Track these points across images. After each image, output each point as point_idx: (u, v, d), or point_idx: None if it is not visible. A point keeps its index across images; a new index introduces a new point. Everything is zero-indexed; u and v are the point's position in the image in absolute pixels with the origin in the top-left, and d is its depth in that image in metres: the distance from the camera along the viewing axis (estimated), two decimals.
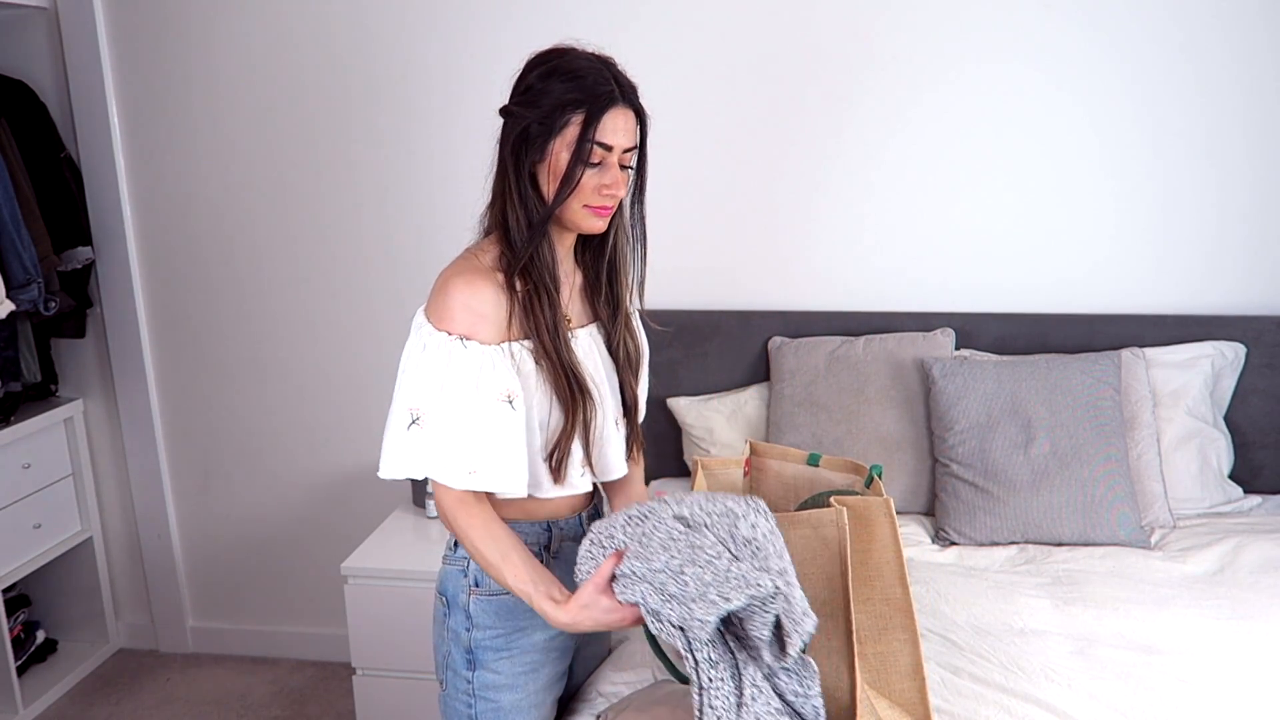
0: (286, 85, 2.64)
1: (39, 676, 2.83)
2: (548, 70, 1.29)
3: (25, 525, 2.68)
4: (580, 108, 1.27)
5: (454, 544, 1.42)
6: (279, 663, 2.97)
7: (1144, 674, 1.58)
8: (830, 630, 1.35)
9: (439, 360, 1.27)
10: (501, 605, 1.38)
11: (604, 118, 1.27)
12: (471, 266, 1.32)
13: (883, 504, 1.35)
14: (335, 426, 2.82)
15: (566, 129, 1.28)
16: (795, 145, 2.47)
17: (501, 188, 1.33)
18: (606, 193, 1.31)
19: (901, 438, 2.26)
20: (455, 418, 1.27)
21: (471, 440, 1.27)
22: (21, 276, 2.45)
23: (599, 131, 1.27)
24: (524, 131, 1.29)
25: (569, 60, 1.30)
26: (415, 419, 1.28)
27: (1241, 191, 2.34)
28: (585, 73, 1.28)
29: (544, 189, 1.31)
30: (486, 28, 2.49)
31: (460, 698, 1.41)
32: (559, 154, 1.29)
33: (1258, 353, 2.31)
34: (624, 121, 1.30)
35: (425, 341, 1.28)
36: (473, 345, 1.28)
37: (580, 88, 1.27)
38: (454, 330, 1.28)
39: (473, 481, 1.28)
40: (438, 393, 1.27)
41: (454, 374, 1.27)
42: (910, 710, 1.40)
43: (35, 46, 2.68)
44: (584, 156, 1.28)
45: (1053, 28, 2.32)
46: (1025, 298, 2.44)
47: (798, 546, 1.35)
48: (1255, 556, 1.95)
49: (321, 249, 2.72)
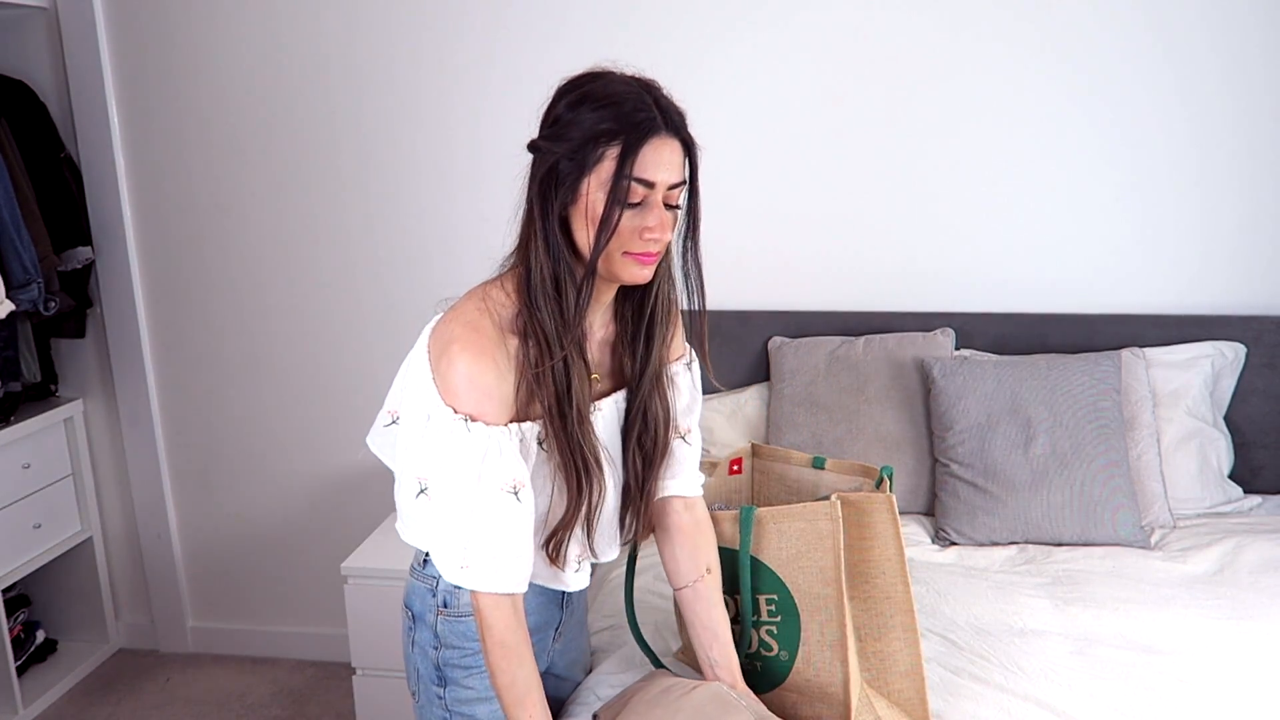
0: (286, 85, 2.64)
1: (39, 676, 2.82)
2: (578, 97, 1.13)
3: (25, 525, 2.68)
4: (615, 139, 1.10)
5: (424, 559, 1.35)
6: (279, 663, 2.97)
7: (1144, 674, 1.57)
8: (824, 624, 1.35)
9: (442, 437, 1.15)
10: (469, 626, 1.30)
11: (643, 149, 1.11)
12: (479, 334, 1.15)
13: (884, 500, 1.35)
14: (335, 426, 2.82)
15: (601, 164, 1.11)
16: (795, 145, 2.47)
17: (528, 233, 1.17)
18: (649, 236, 1.14)
19: (901, 438, 2.26)
20: (455, 504, 1.16)
21: (469, 532, 1.16)
22: (21, 276, 2.45)
23: (638, 166, 1.11)
24: (552, 168, 1.13)
25: (603, 84, 1.13)
26: (423, 489, 1.20)
27: (1242, 191, 2.33)
28: (621, 98, 1.11)
29: (575, 235, 1.15)
30: (486, 29, 2.48)
31: (435, 712, 1.35)
32: (593, 194, 1.12)
33: (1258, 353, 2.31)
34: (669, 154, 1.14)
35: (431, 413, 1.16)
36: (477, 428, 1.14)
37: (615, 115, 1.10)
38: (460, 409, 1.14)
39: (464, 577, 1.17)
40: (440, 472, 1.17)
41: (456, 458, 1.14)
42: (909, 710, 1.40)
43: (35, 46, 2.68)
44: (621, 196, 1.11)
45: (1055, 27, 2.31)
46: (1025, 298, 2.44)
47: (792, 540, 1.35)
48: (1255, 556, 1.95)
49: (321, 249, 2.72)
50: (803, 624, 1.36)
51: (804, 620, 1.36)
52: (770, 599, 1.38)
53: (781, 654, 1.39)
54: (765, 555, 1.38)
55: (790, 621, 1.37)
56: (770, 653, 1.41)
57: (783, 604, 1.37)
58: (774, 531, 1.36)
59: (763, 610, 1.39)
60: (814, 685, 1.37)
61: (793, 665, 1.39)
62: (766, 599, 1.39)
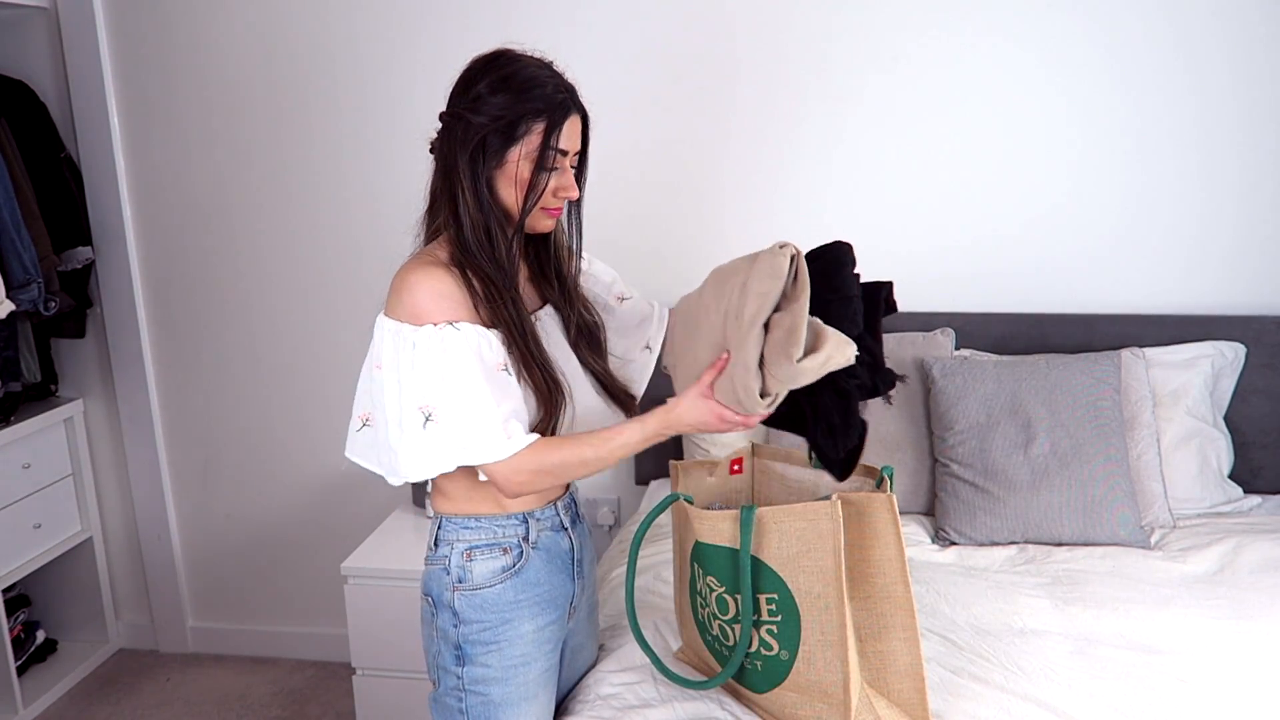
0: (286, 86, 2.64)
1: (39, 676, 2.83)
2: (501, 78, 1.32)
3: (25, 525, 2.69)
4: (541, 117, 1.31)
5: (434, 544, 1.43)
6: (279, 663, 2.97)
7: (1144, 674, 1.57)
8: (825, 624, 1.35)
9: (435, 351, 1.27)
10: (486, 599, 1.39)
11: (564, 125, 1.32)
12: (426, 260, 1.33)
13: (885, 500, 1.35)
14: (335, 427, 2.81)
15: (527, 137, 1.31)
16: (796, 145, 2.47)
17: (453, 193, 1.34)
18: (563, 195, 1.36)
19: (901, 438, 2.26)
20: (471, 397, 1.27)
21: (495, 409, 1.27)
22: (21, 276, 2.45)
23: (560, 139, 1.32)
24: (482, 140, 1.31)
25: (522, 68, 1.32)
26: (428, 416, 1.27)
27: (1242, 191, 2.33)
28: (542, 81, 1.32)
29: (500, 195, 1.34)
30: (492, 30, 2.49)
31: (451, 694, 1.41)
32: (519, 162, 1.32)
33: (1258, 353, 2.31)
34: (575, 126, 1.35)
35: (415, 340, 1.27)
36: (464, 326, 1.28)
37: (541, 97, 1.31)
38: (438, 320, 1.28)
39: (512, 444, 1.28)
40: (445, 382, 1.27)
41: (455, 358, 1.27)
42: (908, 710, 1.40)
43: (35, 46, 2.68)
44: (548, 164, 1.32)
45: (1054, 27, 2.32)
46: (1025, 298, 2.44)
47: (792, 540, 1.35)
48: (1255, 556, 1.95)
49: (321, 249, 2.72)
50: (803, 623, 1.36)
51: (804, 620, 1.36)
52: (770, 598, 1.38)
53: (782, 653, 1.39)
54: (766, 554, 1.38)
55: (790, 621, 1.37)
56: (770, 652, 1.41)
57: (783, 603, 1.37)
58: (774, 531, 1.37)
59: (763, 610, 1.39)
60: (814, 685, 1.37)
61: (793, 665, 1.39)
62: (767, 598, 1.39)
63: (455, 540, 1.40)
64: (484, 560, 1.39)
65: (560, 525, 1.47)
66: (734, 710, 1.50)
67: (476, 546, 1.40)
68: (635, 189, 2.52)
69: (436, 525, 1.43)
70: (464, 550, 1.40)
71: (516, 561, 1.41)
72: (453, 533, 1.41)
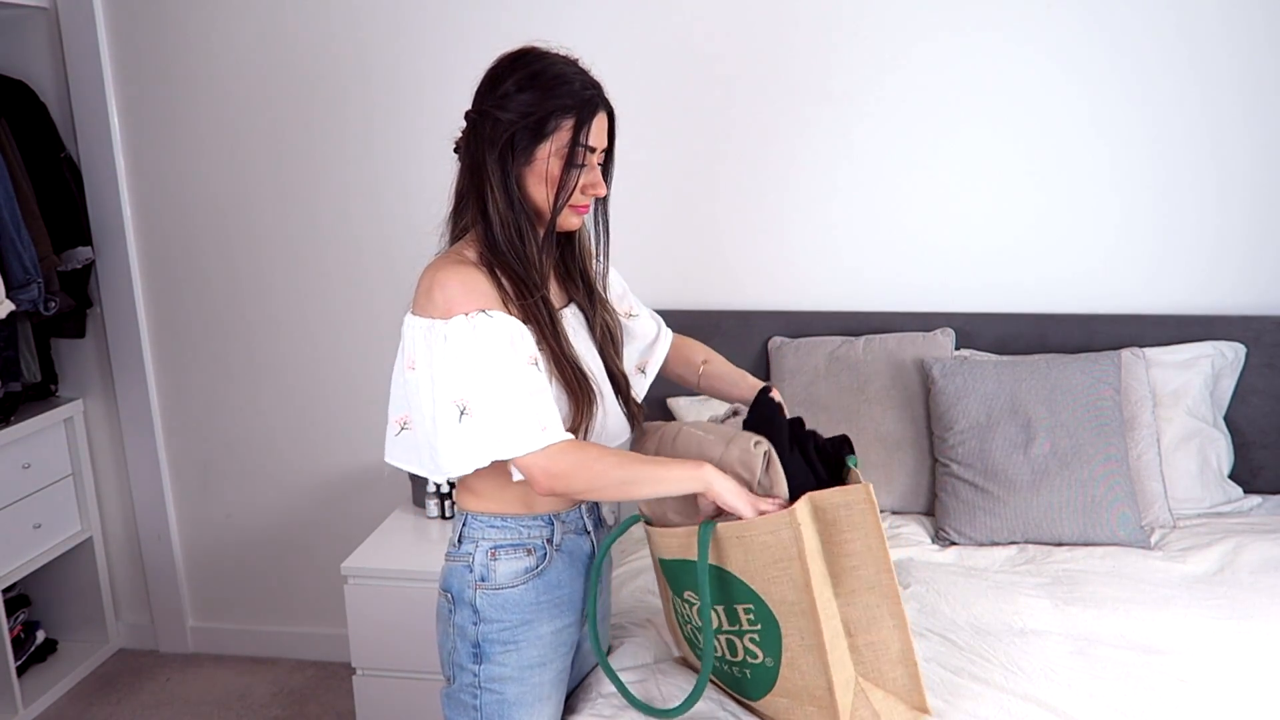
0: (286, 85, 2.64)
1: (39, 676, 2.83)
2: (529, 75, 1.31)
3: (25, 525, 2.69)
4: (570, 113, 1.30)
5: (458, 541, 1.43)
6: (279, 663, 2.97)
7: (1144, 674, 1.57)
8: (803, 629, 1.35)
9: (466, 343, 1.25)
10: (508, 599, 1.39)
11: (593, 122, 1.31)
12: (454, 259, 1.32)
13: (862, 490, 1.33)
14: (335, 426, 2.82)
15: (557, 134, 1.30)
16: (796, 145, 2.47)
17: (481, 191, 1.33)
18: (590, 192, 1.35)
19: (901, 438, 2.26)
20: (506, 388, 1.26)
21: (530, 401, 1.26)
22: (21, 276, 2.45)
23: (589, 136, 1.31)
24: (511, 137, 1.30)
25: (550, 65, 1.32)
26: (464, 410, 1.26)
27: (1242, 191, 2.33)
28: (570, 78, 1.31)
29: (530, 192, 1.33)
30: (494, 29, 2.49)
31: (466, 690, 1.41)
32: (548, 159, 1.31)
33: (1258, 353, 2.31)
34: (603, 123, 1.35)
35: (446, 333, 1.26)
36: (496, 314, 1.27)
37: (569, 94, 1.30)
38: (469, 310, 1.26)
39: (546, 437, 1.26)
40: (478, 373, 1.25)
41: (488, 347, 1.26)
42: (904, 698, 1.40)
43: (35, 46, 2.68)
44: (577, 161, 1.31)
45: (1054, 26, 2.32)
46: (1025, 298, 2.44)
47: (757, 552, 1.34)
48: (1255, 556, 1.95)
49: (322, 249, 2.72)
50: (783, 630, 1.36)
51: (783, 627, 1.36)
52: (748, 608, 1.38)
53: (767, 660, 1.40)
54: (733, 568, 1.37)
55: (770, 629, 1.37)
56: (756, 660, 1.41)
57: (760, 612, 1.37)
58: (737, 545, 1.35)
59: (743, 619, 1.40)
60: (802, 689, 1.38)
61: (779, 671, 1.39)
62: (744, 609, 1.39)
63: (480, 538, 1.40)
64: (508, 560, 1.39)
65: (583, 528, 1.47)
66: (734, 711, 1.50)
67: (501, 546, 1.40)
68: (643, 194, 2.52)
69: (462, 522, 1.43)
70: (489, 549, 1.39)
71: (540, 563, 1.41)
72: (478, 530, 1.40)
